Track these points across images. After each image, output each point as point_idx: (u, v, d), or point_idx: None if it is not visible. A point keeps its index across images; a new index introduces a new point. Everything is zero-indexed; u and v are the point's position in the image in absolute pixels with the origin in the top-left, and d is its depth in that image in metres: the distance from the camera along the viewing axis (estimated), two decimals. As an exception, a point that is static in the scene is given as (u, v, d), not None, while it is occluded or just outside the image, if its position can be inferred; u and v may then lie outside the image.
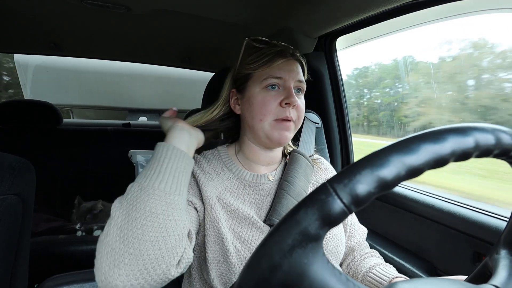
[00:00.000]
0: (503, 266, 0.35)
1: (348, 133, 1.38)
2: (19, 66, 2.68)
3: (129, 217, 0.49)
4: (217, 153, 0.76)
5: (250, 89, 0.71)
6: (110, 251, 0.47)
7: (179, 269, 0.52)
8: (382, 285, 0.67)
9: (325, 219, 0.25)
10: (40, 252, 1.38)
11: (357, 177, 0.25)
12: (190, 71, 2.25)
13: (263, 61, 0.69)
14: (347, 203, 0.25)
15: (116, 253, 0.47)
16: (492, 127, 0.29)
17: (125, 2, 1.05)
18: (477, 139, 0.28)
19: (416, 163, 0.26)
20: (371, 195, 0.25)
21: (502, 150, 0.29)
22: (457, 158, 0.27)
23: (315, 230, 0.25)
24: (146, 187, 0.52)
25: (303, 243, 0.25)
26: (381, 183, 0.25)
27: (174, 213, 0.52)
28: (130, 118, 2.94)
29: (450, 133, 0.27)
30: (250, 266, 0.26)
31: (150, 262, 0.48)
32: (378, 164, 0.26)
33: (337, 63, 1.37)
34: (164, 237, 0.50)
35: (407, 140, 0.27)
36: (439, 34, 1.25)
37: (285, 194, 0.71)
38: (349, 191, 0.25)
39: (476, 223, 0.84)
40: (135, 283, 0.47)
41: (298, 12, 1.05)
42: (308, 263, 0.25)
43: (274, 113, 0.68)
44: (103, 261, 0.47)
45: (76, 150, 1.97)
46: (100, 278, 0.47)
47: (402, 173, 0.26)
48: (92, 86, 2.79)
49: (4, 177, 0.74)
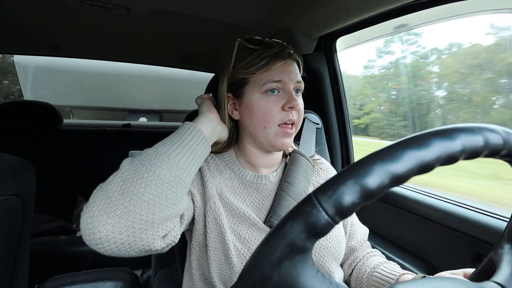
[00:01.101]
0: (506, 262, 0.35)
1: (348, 133, 1.38)
2: (19, 67, 2.68)
3: (136, 174, 0.50)
4: (219, 155, 0.76)
5: (249, 95, 0.68)
6: (106, 198, 0.48)
7: (163, 244, 0.52)
8: (389, 283, 0.67)
9: (310, 231, 0.26)
10: (40, 253, 1.38)
11: (341, 188, 0.26)
12: (190, 71, 2.25)
13: (261, 65, 0.66)
14: (332, 215, 0.25)
15: (112, 202, 0.47)
16: (479, 126, 0.28)
17: (125, 3, 1.05)
18: (464, 141, 0.27)
19: (400, 170, 0.26)
20: (355, 205, 0.25)
21: (491, 150, 0.29)
22: (443, 162, 0.27)
23: (302, 242, 0.26)
24: (162, 153, 0.54)
25: (290, 255, 0.26)
26: (365, 193, 0.25)
27: (178, 188, 0.53)
28: (130, 118, 2.94)
29: (435, 137, 0.27)
30: (243, 277, 0.27)
31: (139, 222, 0.48)
32: (361, 174, 0.26)
33: (337, 64, 1.37)
34: (161, 205, 0.50)
35: (391, 147, 0.27)
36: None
37: (285, 195, 0.71)
38: (333, 202, 0.25)
39: (476, 223, 0.84)
40: (117, 237, 0.46)
41: (298, 12, 1.05)
42: (297, 274, 0.26)
43: (278, 119, 0.67)
44: (95, 205, 0.47)
45: (76, 151, 1.97)
46: (86, 221, 0.46)
47: (386, 182, 0.26)
48: (92, 87, 2.79)
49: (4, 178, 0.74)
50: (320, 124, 1.14)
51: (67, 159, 1.94)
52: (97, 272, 0.85)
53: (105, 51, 1.77)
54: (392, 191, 1.14)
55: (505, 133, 0.29)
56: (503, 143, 0.29)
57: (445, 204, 0.95)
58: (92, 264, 1.43)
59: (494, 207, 0.86)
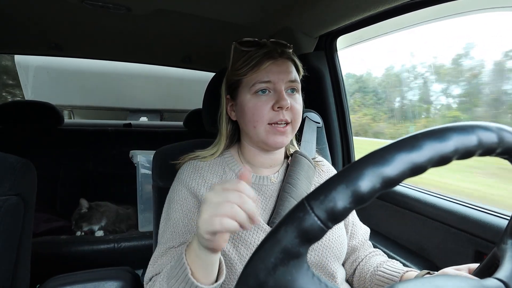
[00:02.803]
0: (509, 258, 0.35)
1: (349, 132, 1.38)
2: (20, 67, 2.68)
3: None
4: (220, 155, 0.76)
5: (241, 96, 0.69)
6: None
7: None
8: (393, 281, 0.67)
9: (303, 237, 0.26)
10: (41, 253, 1.39)
11: (332, 193, 0.26)
12: (190, 71, 2.25)
13: (250, 66, 0.66)
14: (324, 220, 0.25)
15: None
16: (472, 125, 0.28)
17: (126, 3, 1.06)
18: (456, 142, 0.27)
19: (391, 174, 0.25)
20: (347, 210, 0.25)
21: (485, 149, 0.28)
22: (435, 164, 0.27)
23: (296, 248, 0.26)
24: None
25: (285, 261, 0.26)
26: (357, 197, 0.25)
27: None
28: (131, 118, 2.95)
29: (426, 139, 0.26)
30: (240, 283, 0.27)
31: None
32: (352, 178, 0.26)
33: (338, 63, 1.37)
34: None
35: (382, 150, 0.27)
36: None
37: (288, 196, 0.71)
38: (325, 208, 0.25)
39: (477, 221, 0.84)
40: None
41: (299, 11, 1.05)
42: (292, 279, 0.26)
43: (267, 118, 0.66)
44: None
45: (77, 151, 1.97)
46: None
47: (377, 185, 0.25)
48: (92, 87, 2.79)
49: (5, 178, 0.74)
50: (321, 123, 1.14)
51: (68, 159, 1.94)
52: (98, 272, 0.85)
53: (105, 50, 1.78)
54: (393, 189, 1.14)
55: (499, 130, 0.28)
56: (498, 141, 0.28)
57: (445, 202, 0.95)
58: (93, 263, 1.44)
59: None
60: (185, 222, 0.67)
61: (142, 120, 2.87)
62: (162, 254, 0.65)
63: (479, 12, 0.95)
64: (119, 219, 1.74)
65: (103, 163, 2.02)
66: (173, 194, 0.71)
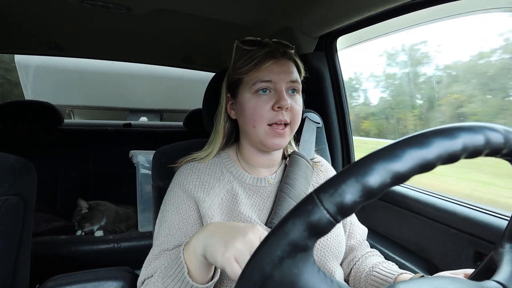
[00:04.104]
0: (507, 261, 0.35)
1: (349, 132, 1.38)
2: (20, 66, 2.68)
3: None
4: (217, 156, 0.76)
5: (242, 95, 0.69)
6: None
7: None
8: (387, 282, 0.67)
9: (312, 230, 0.26)
10: (41, 253, 1.39)
11: (342, 186, 0.25)
12: (190, 71, 2.25)
13: (251, 65, 0.66)
14: (333, 213, 0.25)
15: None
16: (480, 125, 0.28)
17: (126, 3, 1.06)
18: (465, 140, 0.27)
19: (401, 169, 0.25)
20: (356, 204, 0.25)
21: (492, 149, 0.29)
22: (444, 161, 0.27)
23: (303, 241, 0.26)
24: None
25: (292, 253, 0.26)
26: (367, 191, 0.25)
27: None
28: (131, 118, 2.95)
29: (436, 136, 0.26)
30: (244, 277, 0.27)
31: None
32: (363, 172, 0.25)
33: (338, 63, 1.37)
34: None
35: (392, 146, 0.27)
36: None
37: (286, 196, 0.71)
38: (334, 201, 0.25)
39: (477, 222, 0.84)
40: None
41: (299, 11, 1.05)
42: (299, 273, 0.26)
43: (267, 118, 0.66)
44: None
45: (77, 151, 1.97)
46: None
47: (387, 180, 0.25)
48: (92, 87, 2.79)
49: (5, 178, 0.74)
50: (321, 123, 1.14)
51: (68, 159, 1.94)
52: (98, 272, 0.85)
53: (105, 50, 1.78)
54: (392, 189, 1.14)
55: (506, 132, 0.29)
56: (504, 142, 0.29)
57: (445, 202, 0.95)
58: (93, 263, 1.44)
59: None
60: (180, 225, 0.67)
61: (142, 120, 2.87)
62: (156, 256, 0.65)
63: (479, 12, 0.95)
64: (118, 219, 1.74)
65: (103, 163, 2.02)
66: (170, 196, 0.72)
